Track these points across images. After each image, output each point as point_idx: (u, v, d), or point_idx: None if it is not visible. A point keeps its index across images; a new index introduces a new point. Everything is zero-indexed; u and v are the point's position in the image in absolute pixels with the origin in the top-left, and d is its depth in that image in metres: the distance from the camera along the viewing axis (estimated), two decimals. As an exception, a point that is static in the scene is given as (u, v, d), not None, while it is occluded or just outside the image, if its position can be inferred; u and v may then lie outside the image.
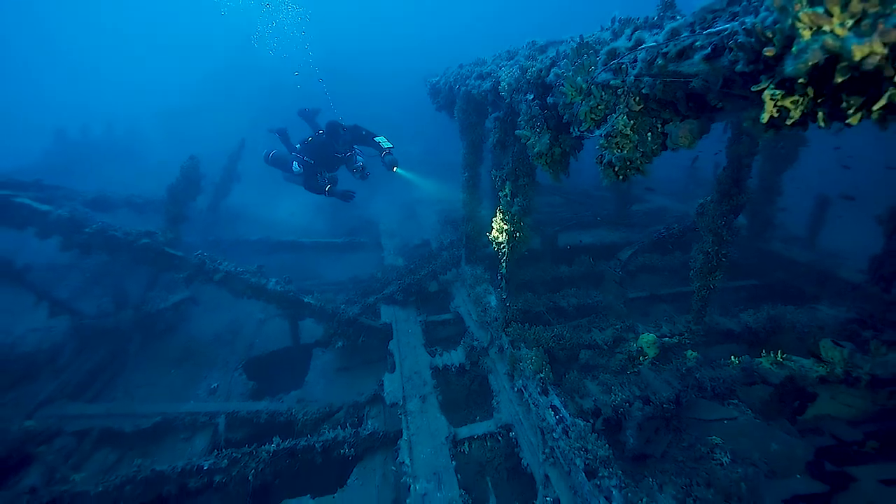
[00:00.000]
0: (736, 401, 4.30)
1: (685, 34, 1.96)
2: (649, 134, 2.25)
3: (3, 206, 6.22)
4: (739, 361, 4.83)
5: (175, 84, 26.97)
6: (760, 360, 4.75)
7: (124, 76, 40.01)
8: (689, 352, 5.26)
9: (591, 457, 3.23)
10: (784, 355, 4.79)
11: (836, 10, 1.09)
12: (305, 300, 6.30)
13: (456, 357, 5.47)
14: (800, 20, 1.14)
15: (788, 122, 1.44)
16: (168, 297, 7.61)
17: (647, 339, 5.32)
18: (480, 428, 4.35)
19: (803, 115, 1.40)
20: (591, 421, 4.09)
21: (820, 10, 1.11)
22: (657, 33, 2.09)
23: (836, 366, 4.60)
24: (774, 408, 4.14)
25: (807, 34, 1.14)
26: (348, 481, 4.55)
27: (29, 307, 7.04)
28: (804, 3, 1.14)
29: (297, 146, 7.63)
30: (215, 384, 6.35)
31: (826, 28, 1.11)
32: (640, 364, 5.02)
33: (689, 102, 2.00)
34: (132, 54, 44.25)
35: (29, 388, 5.76)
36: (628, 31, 2.49)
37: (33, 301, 6.91)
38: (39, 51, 47.48)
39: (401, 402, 4.67)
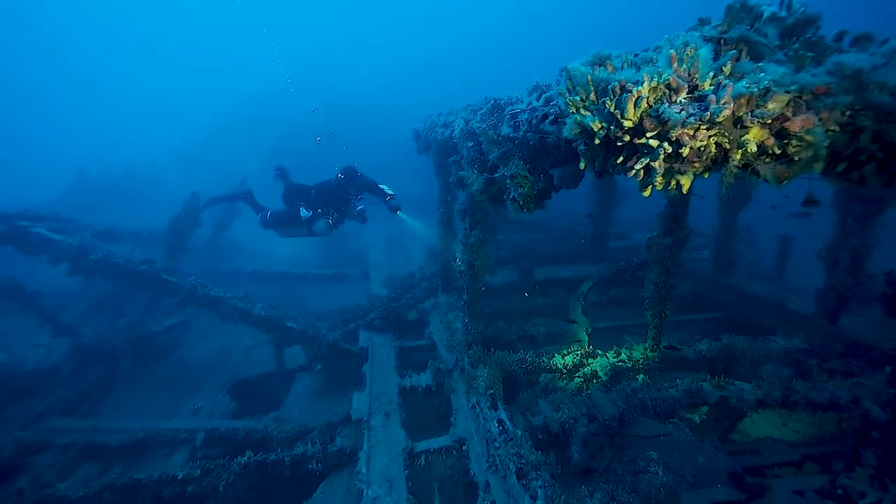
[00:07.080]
0: (676, 420, 4.59)
1: (555, 102, 2.55)
2: (541, 175, 2.80)
3: (22, 236, 6.87)
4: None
5: (194, 130, 28.94)
6: (703, 383, 5.06)
7: (146, 124, 43.05)
8: (641, 376, 5.59)
9: (524, 461, 3.56)
10: (726, 379, 5.10)
11: (584, 97, 1.64)
12: (288, 324, 6.74)
13: (424, 379, 5.82)
14: (568, 104, 1.69)
15: (596, 170, 1.98)
16: (162, 321, 8.07)
17: (600, 363, 5.68)
18: (437, 442, 4.65)
19: (603, 165, 1.94)
20: (540, 437, 4.40)
21: (577, 98, 1.67)
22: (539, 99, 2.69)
23: (775, 389, 4.90)
24: (710, 426, 4.42)
25: (572, 111, 1.69)
26: (313, 495, 4.81)
27: (36, 330, 7.56)
28: (571, 93, 1.70)
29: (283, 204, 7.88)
30: (199, 405, 6.69)
31: (581, 110, 1.66)
32: (594, 386, 5.34)
33: (560, 152, 2.55)
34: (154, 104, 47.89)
35: (26, 404, 6.14)
36: (535, 95, 3.11)
37: (39, 324, 7.44)
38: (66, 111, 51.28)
39: (365, 418, 5.00)
